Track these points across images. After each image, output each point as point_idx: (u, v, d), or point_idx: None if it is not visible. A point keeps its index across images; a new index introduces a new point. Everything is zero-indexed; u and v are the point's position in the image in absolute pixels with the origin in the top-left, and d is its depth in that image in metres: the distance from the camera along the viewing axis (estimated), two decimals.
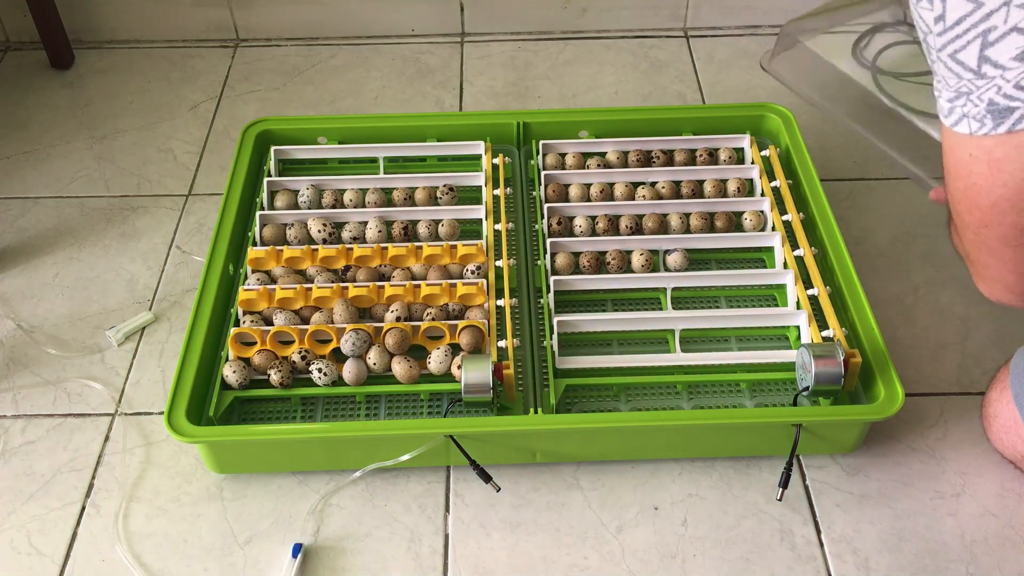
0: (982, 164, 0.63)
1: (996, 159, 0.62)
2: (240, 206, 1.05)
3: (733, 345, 0.97)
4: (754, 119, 1.16)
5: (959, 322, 1.03)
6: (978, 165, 0.63)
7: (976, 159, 0.63)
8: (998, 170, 0.62)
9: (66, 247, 1.15)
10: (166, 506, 0.88)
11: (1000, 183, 0.63)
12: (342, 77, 1.42)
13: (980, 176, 0.64)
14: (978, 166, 0.63)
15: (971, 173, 0.64)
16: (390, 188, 1.09)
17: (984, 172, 0.63)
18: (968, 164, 0.64)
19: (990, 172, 0.63)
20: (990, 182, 0.63)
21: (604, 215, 1.04)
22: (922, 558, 0.83)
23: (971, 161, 0.64)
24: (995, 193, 0.64)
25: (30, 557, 0.84)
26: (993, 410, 0.86)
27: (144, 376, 1.00)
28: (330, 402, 0.92)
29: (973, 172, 0.64)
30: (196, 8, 1.46)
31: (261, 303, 0.94)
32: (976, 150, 0.63)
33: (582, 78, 1.41)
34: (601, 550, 0.84)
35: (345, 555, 0.84)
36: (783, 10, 1.48)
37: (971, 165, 0.64)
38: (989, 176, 0.63)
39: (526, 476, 0.89)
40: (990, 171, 0.63)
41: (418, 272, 0.99)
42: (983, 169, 0.63)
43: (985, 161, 0.63)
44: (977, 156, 0.63)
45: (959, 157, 0.65)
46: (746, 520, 0.86)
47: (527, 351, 0.93)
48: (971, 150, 0.63)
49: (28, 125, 1.33)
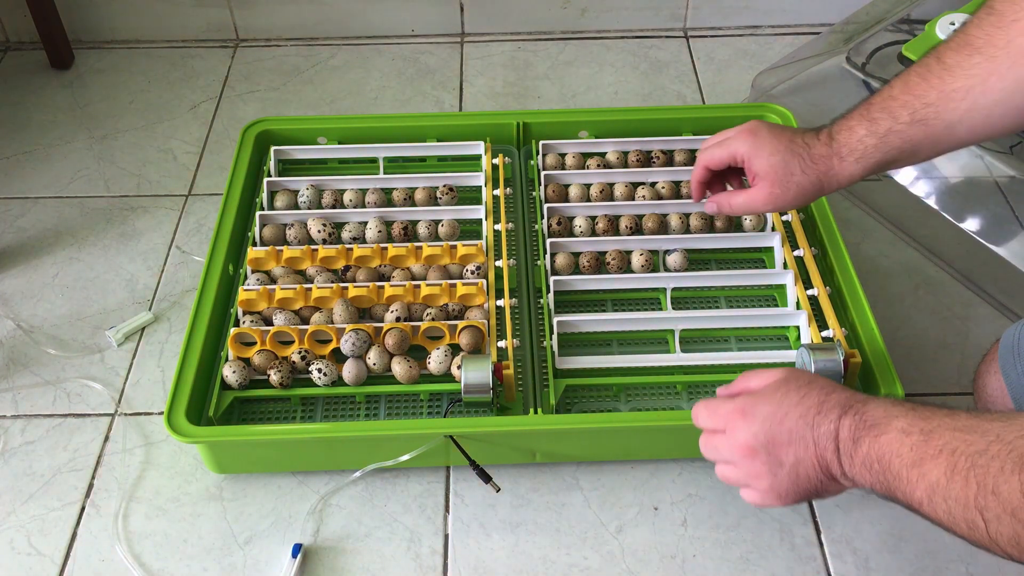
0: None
1: None
2: (240, 206, 1.05)
3: (733, 345, 0.97)
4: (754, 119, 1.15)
5: (959, 322, 1.03)
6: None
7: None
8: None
9: (66, 247, 1.15)
10: (166, 506, 0.88)
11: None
12: (342, 77, 1.42)
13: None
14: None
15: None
16: (390, 188, 1.09)
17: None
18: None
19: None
20: None
21: (604, 215, 1.04)
22: (922, 558, 0.83)
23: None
24: None
25: (30, 557, 0.84)
26: (982, 381, 0.87)
27: (144, 376, 1.00)
28: (330, 402, 0.92)
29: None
30: (196, 8, 1.46)
31: (261, 303, 0.94)
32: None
33: (582, 78, 1.41)
34: (601, 550, 0.84)
35: (345, 555, 0.84)
36: (783, 10, 1.48)
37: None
38: None
39: (526, 476, 0.89)
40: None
41: (418, 272, 0.99)
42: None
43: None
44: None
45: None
46: (746, 520, 0.86)
47: (527, 351, 0.93)
48: None
49: (28, 125, 1.33)
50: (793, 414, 0.64)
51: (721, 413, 0.69)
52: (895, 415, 0.59)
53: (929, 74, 0.75)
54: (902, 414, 0.59)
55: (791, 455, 0.64)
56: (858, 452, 0.60)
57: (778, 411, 0.65)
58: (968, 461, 0.54)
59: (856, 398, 0.63)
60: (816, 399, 0.64)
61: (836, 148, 0.79)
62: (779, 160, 0.82)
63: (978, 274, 1.07)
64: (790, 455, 0.64)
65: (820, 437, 0.63)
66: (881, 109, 0.77)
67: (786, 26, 1.49)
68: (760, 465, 0.66)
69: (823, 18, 1.48)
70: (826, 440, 0.62)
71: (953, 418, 0.57)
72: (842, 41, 1.23)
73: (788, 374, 0.68)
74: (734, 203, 0.87)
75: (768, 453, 0.65)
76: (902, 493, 0.58)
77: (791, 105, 1.15)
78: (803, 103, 1.18)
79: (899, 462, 0.58)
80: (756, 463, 0.66)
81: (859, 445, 0.60)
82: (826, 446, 0.62)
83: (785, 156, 0.81)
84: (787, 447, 0.64)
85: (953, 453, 0.55)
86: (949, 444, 0.55)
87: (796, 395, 0.65)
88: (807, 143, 0.81)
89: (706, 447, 0.71)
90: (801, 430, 0.64)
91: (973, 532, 0.54)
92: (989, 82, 0.71)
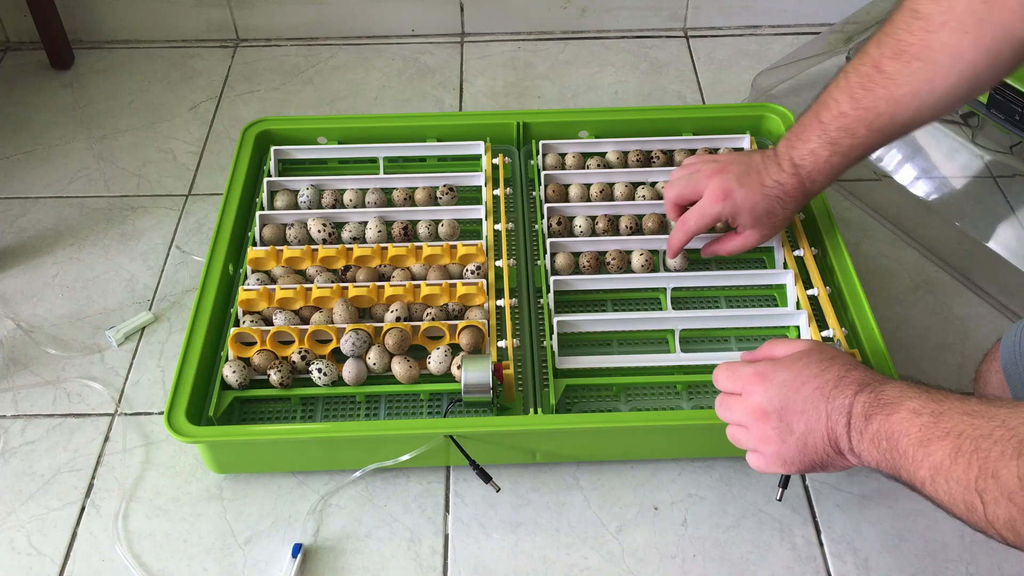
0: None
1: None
2: (240, 206, 1.05)
3: (733, 345, 0.97)
4: (754, 119, 1.16)
5: (959, 322, 1.03)
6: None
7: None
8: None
9: (66, 247, 1.15)
10: (166, 506, 0.88)
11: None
12: (342, 77, 1.42)
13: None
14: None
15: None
16: (390, 188, 1.09)
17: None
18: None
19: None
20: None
21: (604, 215, 1.04)
22: (922, 558, 0.83)
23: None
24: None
25: (30, 557, 0.84)
26: (983, 380, 0.88)
27: (144, 376, 1.00)
28: (330, 402, 0.92)
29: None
30: (196, 8, 1.46)
31: (261, 303, 0.94)
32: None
33: (582, 78, 1.41)
34: (601, 550, 0.84)
35: (345, 555, 0.84)
36: (783, 10, 1.48)
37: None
38: None
39: (526, 476, 0.89)
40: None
41: (418, 272, 0.99)
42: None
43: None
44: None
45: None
46: (746, 520, 0.86)
47: (527, 351, 0.93)
48: None
49: (28, 125, 1.33)
50: (810, 384, 0.66)
51: (740, 375, 0.71)
52: (909, 396, 0.61)
53: (873, 85, 0.78)
54: (916, 395, 0.61)
55: (802, 424, 0.65)
56: (868, 428, 0.62)
57: (796, 379, 0.67)
58: (972, 444, 0.55)
59: (875, 377, 0.65)
60: (835, 373, 0.66)
61: (805, 175, 0.85)
62: (761, 211, 0.88)
63: (978, 274, 1.07)
64: (801, 423, 0.65)
65: (833, 410, 0.64)
66: (838, 128, 0.82)
67: (786, 26, 1.49)
68: (770, 429, 0.67)
69: (823, 18, 1.48)
70: (838, 414, 0.64)
71: (964, 402, 0.58)
72: (842, 41, 1.23)
73: (813, 346, 0.70)
74: (730, 248, 0.93)
75: (780, 419, 0.67)
76: (906, 472, 0.59)
77: (791, 105, 1.15)
78: (803, 103, 1.17)
79: (907, 441, 0.59)
80: (767, 427, 0.67)
81: (870, 422, 0.62)
82: (838, 419, 0.64)
83: (764, 204, 0.87)
84: (799, 415, 0.66)
85: (959, 436, 0.56)
86: (956, 427, 0.57)
87: (816, 367, 0.67)
88: (778, 182, 0.86)
89: (721, 407, 0.73)
90: (816, 400, 0.65)
91: (971, 514, 0.55)
92: (934, 83, 0.75)
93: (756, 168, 0.88)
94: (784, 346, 0.72)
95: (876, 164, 1.17)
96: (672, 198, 0.93)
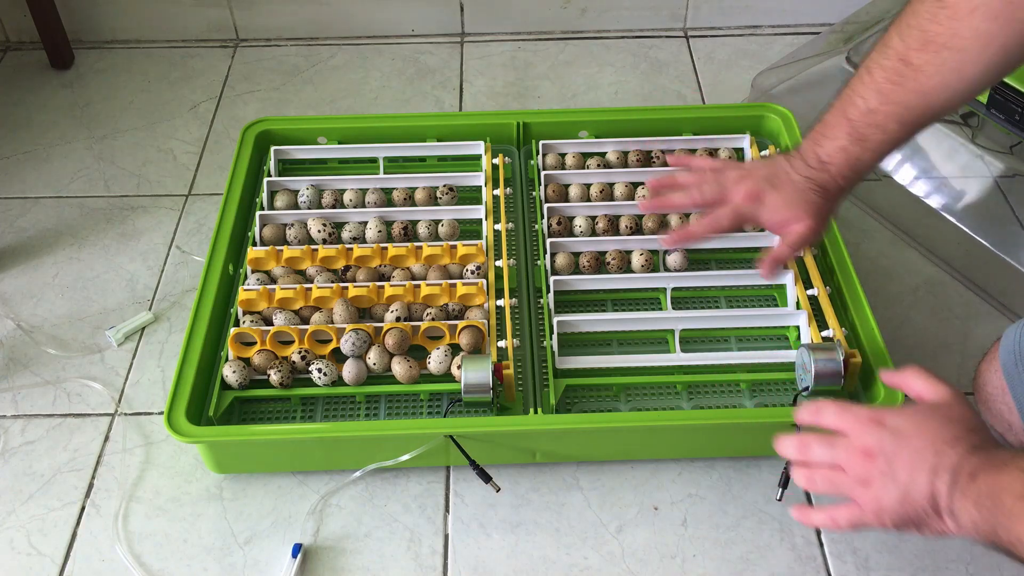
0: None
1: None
2: (240, 206, 1.05)
3: (733, 345, 0.97)
4: (754, 119, 1.16)
5: (959, 322, 1.03)
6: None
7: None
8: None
9: (66, 247, 1.15)
10: (166, 506, 0.88)
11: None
12: (342, 77, 1.42)
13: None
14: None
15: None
16: (390, 188, 1.09)
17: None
18: None
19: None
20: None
21: (604, 215, 1.04)
22: (922, 558, 0.83)
23: None
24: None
25: (30, 557, 0.84)
26: (983, 379, 0.87)
27: (144, 376, 1.00)
28: (330, 402, 0.92)
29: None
30: (196, 8, 1.46)
31: (261, 303, 0.94)
32: None
33: (582, 78, 1.41)
34: (601, 550, 0.84)
35: (345, 555, 0.84)
36: (783, 10, 1.48)
37: None
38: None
39: (526, 476, 0.89)
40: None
41: (418, 272, 0.99)
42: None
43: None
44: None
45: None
46: (746, 520, 0.86)
47: (527, 351, 0.93)
48: None
49: (28, 125, 1.33)
50: (925, 437, 0.63)
51: (853, 414, 0.67)
52: (1021, 456, 0.58)
53: (901, 79, 0.76)
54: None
55: (907, 474, 0.63)
56: (972, 487, 0.59)
57: (911, 429, 0.64)
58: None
59: (992, 441, 0.62)
60: (952, 432, 0.63)
61: (836, 171, 0.82)
62: (799, 202, 0.83)
63: (978, 274, 1.07)
64: (905, 473, 0.63)
65: (940, 466, 0.61)
66: (868, 125, 0.79)
67: (786, 26, 1.49)
68: (875, 471, 0.64)
69: (823, 18, 1.48)
70: (945, 470, 0.61)
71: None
72: (842, 41, 1.23)
73: (949, 399, 0.67)
74: (789, 247, 0.87)
75: (888, 463, 0.63)
76: (1004, 530, 0.57)
77: (791, 105, 1.15)
78: (803, 103, 1.18)
79: (1010, 497, 0.56)
80: (871, 468, 0.64)
81: (975, 480, 0.59)
82: (943, 476, 0.61)
83: (800, 196, 0.83)
84: (907, 465, 0.63)
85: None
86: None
87: (936, 421, 0.64)
88: (807, 177, 0.83)
89: (818, 444, 0.68)
90: (925, 453, 0.62)
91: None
92: (964, 71, 0.73)
93: (783, 169, 0.85)
94: (922, 382, 0.69)
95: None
96: (697, 200, 0.88)
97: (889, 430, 0.65)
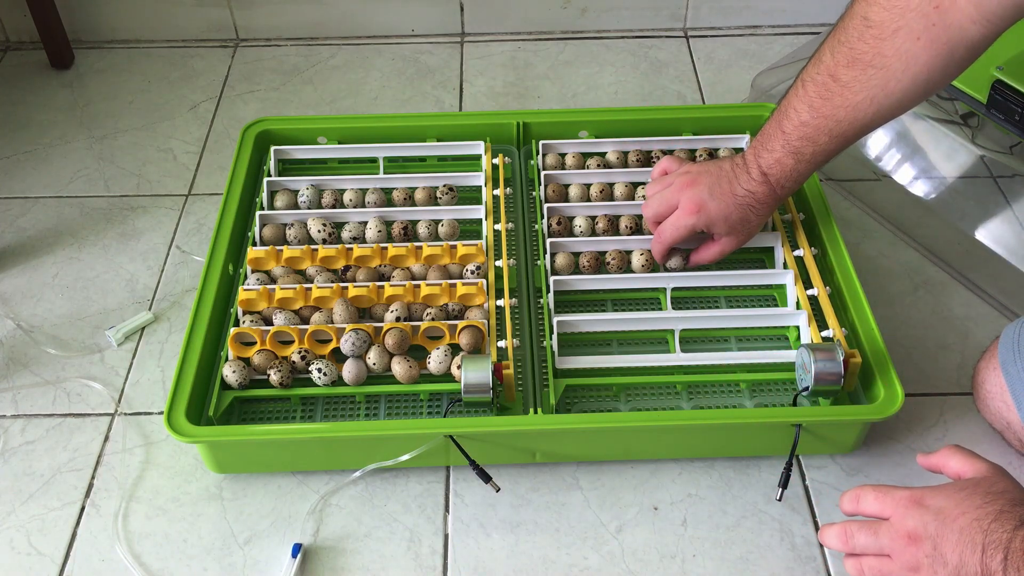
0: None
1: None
2: (240, 206, 1.05)
3: (733, 345, 0.97)
4: (754, 119, 1.15)
5: (959, 322, 1.03)
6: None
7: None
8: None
9: (66, 247, 1.15)
10: (166, 506, 0.88)
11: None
12: (342, 77, 1.42)
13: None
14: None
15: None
16: (390, 188, 1.09)
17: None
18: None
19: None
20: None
21: (604, 215, 1.04)
22: None
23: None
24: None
25: (30, 557, 0.84)
26: (981, 377, 0.88)
27: (144, 376, 1.00)
28: (330, 402, 0.92)
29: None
30: (196, 8, 1.46)
31: (261, 303, 0.94)
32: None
33: (582, 78, 1.41)
34: (601, 550, 0.84)
35: (345, 555, 0.84)
36: (783, 10, 1.48)
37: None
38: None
39: (526, 476, 0.89)
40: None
41: (418, 272, 0.99)
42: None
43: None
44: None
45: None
46: (746, 520, 0.86)
47: (527, 351, 0.93)
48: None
49: (28, 125, 1.33)
50: (969, 515, 0.63)
51: (893, 498, 0.67)
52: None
53: (830, 94, 0.80)
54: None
55: (956, 555, 0.62)
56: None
57: (955, 508, 0.63)
58: None
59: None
60: (997, 507, 0.62)
61: (775, 182, 0.87)
62: (735, 219, 0.91)
63: (978, 274, 1.07)
64: (955, 555, 0.62)
65: (990, 544, 0.61)
66: (800, 138, 0.83)
67: (786, 26, 1.49)
68: (923, 556, 0.63)
69: (823, 18, 1.48)
70: (994, 548, 0.60)
71: None
72: None
73: (989, 473, 0.66)
74: (710, 256, 0.96)
75: (934, 546, 0.63)
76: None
77: None
78: None
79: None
80: (918, 553, 0.64)
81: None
82: (993, 555, 0.60)
83: (738, 213, 0.90)
84: (955, 546, 0.62)
85: None
86: None
87: (980, 498, 0.64)
88: (749, 191, 0.88)
89: (862, 532, 0.68)
90: (972, 533, 0.62)
91: None
92: (889, 87, 0.76)
93: (727, 177, 0.89)
94: (960, 460, 0.69)
95: (876, 164, 1.17)
96: (650, 217, 0.96)
97: (932, 511, 0.64)
